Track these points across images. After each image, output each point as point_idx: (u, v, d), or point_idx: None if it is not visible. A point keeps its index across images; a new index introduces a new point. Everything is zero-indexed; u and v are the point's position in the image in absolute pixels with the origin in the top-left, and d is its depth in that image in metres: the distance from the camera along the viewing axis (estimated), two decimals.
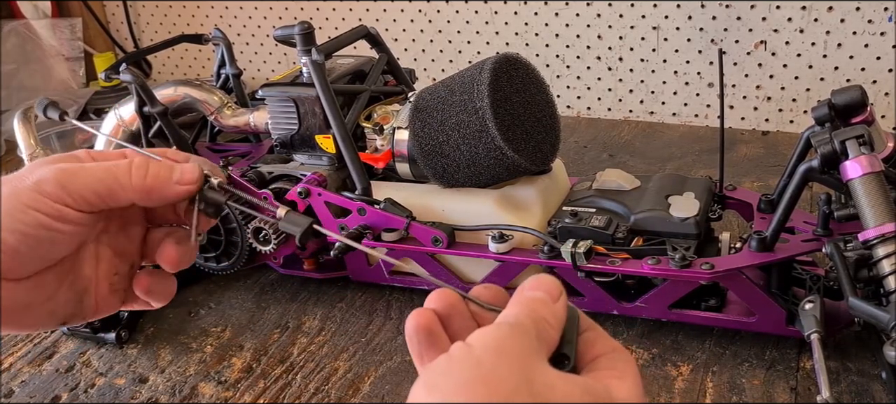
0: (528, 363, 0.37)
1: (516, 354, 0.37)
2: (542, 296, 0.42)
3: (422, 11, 1.80)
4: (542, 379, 0.37)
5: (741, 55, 1.56)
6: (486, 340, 0.38)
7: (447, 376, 0.37)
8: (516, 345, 0.38)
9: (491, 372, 0.36)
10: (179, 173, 0.50)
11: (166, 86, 1.19)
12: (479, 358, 0.37)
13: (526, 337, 0.39)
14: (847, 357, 0.87)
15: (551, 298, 0.42)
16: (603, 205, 0.99)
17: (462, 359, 0.37)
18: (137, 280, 0.53)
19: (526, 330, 0.39)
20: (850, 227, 0.86)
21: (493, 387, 0.35)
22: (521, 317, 0.41)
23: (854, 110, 0.85)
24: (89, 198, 0.48)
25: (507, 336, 0.38)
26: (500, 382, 0.36)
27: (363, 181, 1.01)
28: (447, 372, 0.37)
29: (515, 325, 0.39)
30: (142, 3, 2.14)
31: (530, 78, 1.00)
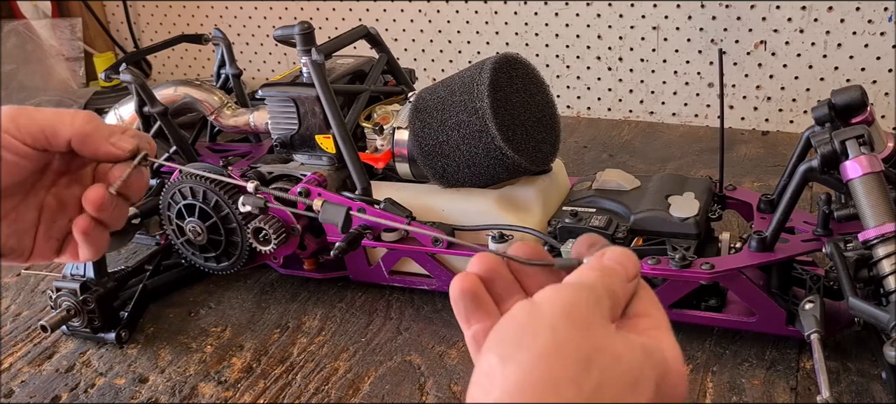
0: (599, 331, 0.37)
1: (587, 320, 0.37)
2: (621, 270, 0.42)
3: (422, 11, 1.80)
4: (612, 347, 0.37)
5: (741, 55, 1.56)
6: (557, 302, 0.37)
7: (520, 347, 0.36)
8: (587, 310, 0.38)
9: (565, 342, 0.36)
10: (117, 137, 0.55)
11: (166, 86, 1.19)
12: (553, 324, 0.36)
13: (597, 303, 0.38)
14: (847, 357, 0.87)
15: (628, 276, 0.42)
16: (603, 205, 0.99)
17: (534, 326, 0.36)
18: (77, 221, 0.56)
19: (598, 297, 0.39)
20: (850, 227, 0.86)
21: (569, 358, 0.35)
22: (595, 282, 0.40)
23: (854, 110, 0.85)
24: (35, 134, 0.54)
25: (577, 300, 0.38)
26: (574, 351, 0.35)
27: (363, 181, 1.01)
28: (519, 343, 0.36)
29: (587, 287, 0.39)
30: (142, 3, 2.14)
31: (530, 78, 1.00)
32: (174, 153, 1.15)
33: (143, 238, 1.23)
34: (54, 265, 1.24)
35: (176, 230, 1.08)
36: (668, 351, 0.40)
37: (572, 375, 0.35)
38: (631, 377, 0.36)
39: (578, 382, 0.35)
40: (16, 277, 1.22)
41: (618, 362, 0.36)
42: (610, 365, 0.36)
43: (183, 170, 1.06)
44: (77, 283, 0.99)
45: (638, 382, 0.37)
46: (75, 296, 0.99)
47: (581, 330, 0.36)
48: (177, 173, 1.06)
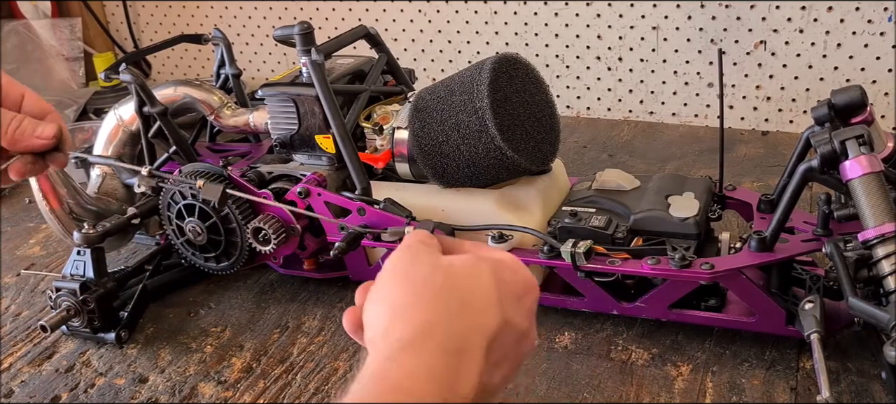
0: (429, 257, 0.50)
1: (418, 254, 0.50)
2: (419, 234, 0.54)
3: (422, 11, 1.80)
4: (444, 260, 0.50)
5: (741, 55, 1.56)
6: (391, 260, 0.51)
7: (379, 288, 0.49)
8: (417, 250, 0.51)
9: (408, 270, 0.49)
10: (40, 130, 0.66)
11: (166, 86, 1.19)
12: (394, 266, 0.50)
13: (422, 246, 0.51)
14: (847, 357, 0.87)
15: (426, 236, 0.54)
16: (603, 205, 0.99)
17: (383, 275, 0.50)
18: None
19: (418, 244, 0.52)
20: (850, 227, 0.86)
21: (415, 275, 0.48)
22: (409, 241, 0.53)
23: (854, 110, 0.85)
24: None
25: (406, 249, 0.51)
26: (418, 271, 0.48)
27: (363, 181, 1.01)
28: (377, 288, 0.49)
29: (409, 246, 0.52)
30: (142, 3, 2.14)
31: (530, 78, 1.00)
32: (174, 153, 1.15)
33: (143, 238, 1.23)
34: (54, 265, 1.24)
35: (176, 230, 1.08)
36: (496, 254, 0.52)
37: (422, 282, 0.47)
38: (465, 269, 0.49)
39: (429, 283, 0.47)
40: (16, 277, 1.22)
41: (451, 266, 0.49)
42: (446, 270, 0.48)
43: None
44: (77, 283, 0.99)
45: (474, 271, 0.49)
46: (75, 296, 0.99)
47: (417, 262, 0.49)
48: (177, 173, 1.06)
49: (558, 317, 0.99)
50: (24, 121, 0.65)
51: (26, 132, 0.65)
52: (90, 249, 1.01)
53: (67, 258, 1.04)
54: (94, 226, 1.04)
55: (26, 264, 1.25)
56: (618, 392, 0.86)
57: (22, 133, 0.65)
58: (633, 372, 0.89)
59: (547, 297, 0.99)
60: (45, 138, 0.66)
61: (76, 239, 1.02)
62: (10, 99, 0.67)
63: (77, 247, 1.02)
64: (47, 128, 0.66)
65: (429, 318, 0.45)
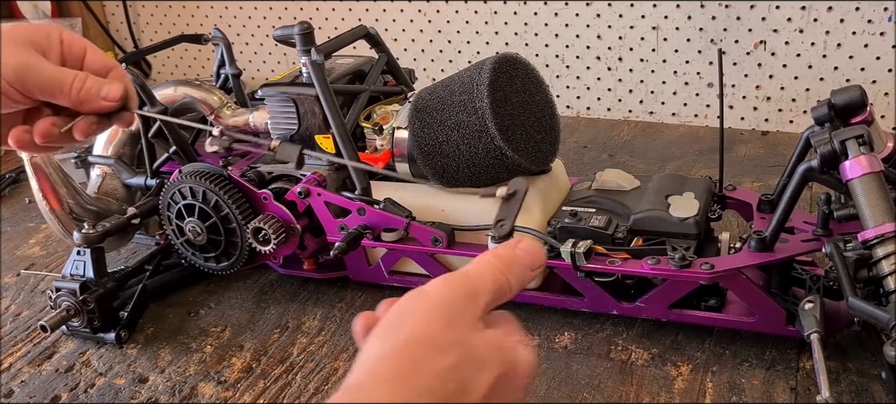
0: (464, 324, 0.44)
1: (458, 314, 0.44)
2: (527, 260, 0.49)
3: (422, 11, 1.80)
4: (472, 340, 0.43)
5: (741, 55, 1.56)
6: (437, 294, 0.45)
7: (396, 330, 0.43)
8: (461, 304, 0.44)
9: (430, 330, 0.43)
10: (106, 90, 0.63)
11: (166, 86, 1.19)
12: (427, 313, 0.44)
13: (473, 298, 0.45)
14: (847, 357, 0.87)
15: (531, 267, 0.49)
16: (603, 205, 0.99)
17: (411, 313, 0.44)
18: (15, 131, 0.64)
19: (483, 291, 0.46)
20: (850, 227, 0.86)
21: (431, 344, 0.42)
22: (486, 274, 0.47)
23: (854, 110, 0.85)
24: (34, 94, 0.61)
25: (455, 293, 0.45)
26: (437, 338, 0.42)
27: (363, 181, 1.01)
28: (397, 326, 0.43)
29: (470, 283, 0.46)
30: (142, 3, 2.14)
31: (530, 78, 1.00)
32: (174, 153, 1.15)
33: (143, 238, 1.23)
34: (54, 265, 1.24)
35: (176, 230, 1.08)
36: (522, 353, 0.46)
37: (431, 356, 0.42)
38: (478, 364, 0.43)
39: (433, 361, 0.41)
40: (16, 277, 1.22)
41: (473, 353, 0.43)
42: (465, 354, 0.43)
43: None
44: (77, 283, 0.99)
45: (484, 368, 0.43)
46: (75, 296, 0.99)
47: (449, 322, 0.43)
48: (176, 173, 1.06)
49: (558, 317, 0.99)
50: (88, 81, 0.63)
51: (92, 92, 0.63)
52: (90, 249, 1.01)
53: (67, 258, 1.04)
54: (94, 226, 1.04)
55: (26, 264, 1.25)
56: (618, 392, 0.86)
57: (88, 93, 0.63)
58: (632, 372, 0.89)
59: (547, 297, 0.99)
60: (112, 100, 0.64)
61: (76, 239, 1.02)
62: (73, 55, 0.64)
63: (77, 247, 1.02)
64: (113, 88, 0.64)
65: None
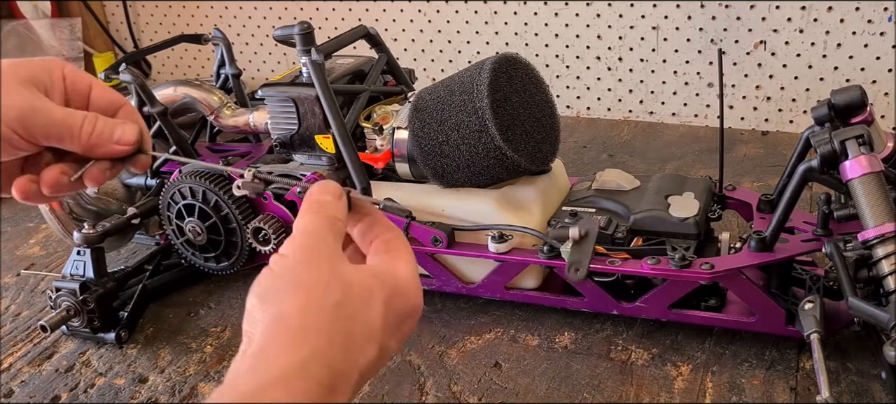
0: (332, 263, 0.48)
1: (322, 257, 0.48)
2: (329, 198, 0.52)
3: (422, 11, 1.80)
4: (345, 275, 0.47)
5: (741, 55, 1.56)
6: (296, 249, 0.48)
7: (275, 289, 0.46)
8: (320, 249, 0.48)
9: (306, 277, 0.46)
10: (119, 133, 0.58)
11: (166, 86, 1.19)
12: (294, 265, 0.47)
13: (325, 240, 0.49)
14: (847, 357, 0.87)
15: (335, 197, 0.52)
16: (603, 205, 0.99)
17: (282, 271, 0.47)
18: (19, 181, 0.59)
19: (324, 234, 0.49)
20: (850, 227, 0.86)
21: (311, 289, 0.45)
22: (316, 220, 0.50)
23: (854, 110, 0.85)
24: (39, 140, 0.55)
25: (312, 244, 0.48)
26: (315, 283, 0.46)
27: (363, 181, 1.01)
28: (273, 285, 0.46)
29: (315, 232, 0.49)
30: (142, 3, 2.14)
31: (530, 78, 1.00)
32: (174, 153, 1.15)
33: (143, 238, 1.23)
34: (54, 265, 1.24)
35: (176, 230, 1.08)
36: (399, 271, 0.51)
37: (315, 301, 0.45)
38: (362, 294, 0.47)
39: (320, 305, 0.45)
40: (16, 277, 1.22)
41: (350, 284, 0.47)
42: (343, 287, 0.46)
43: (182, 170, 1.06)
44: (77, 283, 0.99)
45: (369, 296, 0.47)
46: (75, 296, 0.99)
47: (319, 266, 0.47)
48: (176, 173, 1.06)
49: (558, 317, 0.99)
50: (98, 123, 0.57)
51: (104, 136, 0.57)
52: (90, 249, 1.01)
53: (67, 258, 1.04)
54: (94, 226, 1.04)
55: (26, 264, 1.25)
56: (618, 392, 0.86)
57: (100, 137, 0.56)
58: (633, 372, 0.89)
59: (547, 297, 0.99)
60: (127, 143, 0.58)
61: (76, 239, 1.02)
62: (78, 93, 0.58)
63: (77, 247, 1.02)
64: (127, 130, 0.58)
65: (310, 352, 0.43)
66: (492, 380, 0.90)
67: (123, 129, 0.58)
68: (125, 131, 0.58)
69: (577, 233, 0.57)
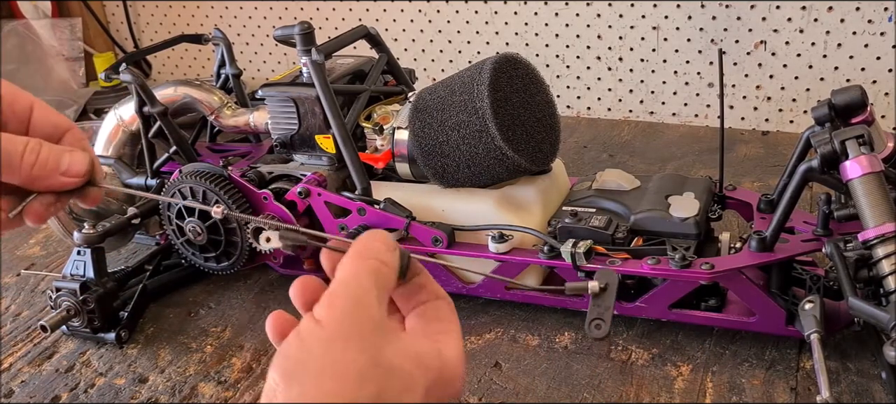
0: (373, 343, 0.40)
1: (363, 333, 0.40)
2: (380, 246, 0.44)
3: (422, 11, 1.80)
4: (385, 360, 0.40)
5: (741, 55, 1.56)
6: (334, 315, 0.40)
7: (304, 369, 0.39)
8: (362, 321, 0.40)
9: (340, 360, 0.39)
10: (67, 163, 0.50)
11: (166, 86, 1.19)
12: (330, 344, 0.39)
13: (369, 305, 0.41)
14: (847, 357, 0.87)
15: (388, 249, 0.45)
16: (603, 205, 0.99)
17: (315, 348, 0.39)
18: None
19: (367, 292, 0.42)
20: (850, 227, 0.86)
21: (346, 378, 0.39)
22: (361, 274, 0.42)
23: (854, 110, 0.85)
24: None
25: (352, 309, 0.41)
26: (351, 369, 0.39)
27: (363, 181, 1.01)
28: (302, 363, 0.39)
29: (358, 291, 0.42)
30: (142, 3, 2.14)
31: (530, 78, 1.00)
32: (174, 153, 1.15)
33: (143, 238, 1.23)
34: (54, 265, 1.24)
35: (176, 230, 1.08)
36: (447, 352, 0.44)
37: (350, 392, 0.38)
38: (403, 383, 0.40)
39: (355, 397, 0.38)
40: (16, 277, 1.22)
41: (390, 372, 0.40)
42: (382, 377, 0.39)
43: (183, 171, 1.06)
44: (77, 283, 0.99)
45: (410, 386, 0.41)
46: (75, 296, 0.99)
47: (355, 345, 0.39)
48: (177, 173, 1.06)
49: (558, 317, 0.99)
50: (43, 151, 0.48)
51: (49, 166, 0.48)
52: (90, 249, 1.01)
53: (67, 258, 1.04)
54: (94, 226, 1.04)
55: (26, 264, 1.25)
56: (618, 392, 0.86)
57: (43, 167, 0.48)
58: (633, 372, 0.89)
59: (547, 297, 0.99)
60: (75, 175, 0.50)
61: (76, 239, 1.02)
62: (16, 115, 0.50)
63: (77, 247, 1.02)
64: (76, 160, 0.50)
65: None
66: (492, 380, 0.90)
67: (72, 158, 0.50)
68: (74, 160, 0.50)
69: (596, 286, 0.53)
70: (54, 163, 0.49)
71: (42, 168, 0.48)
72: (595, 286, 0.53)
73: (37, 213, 0.50)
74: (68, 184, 0.50)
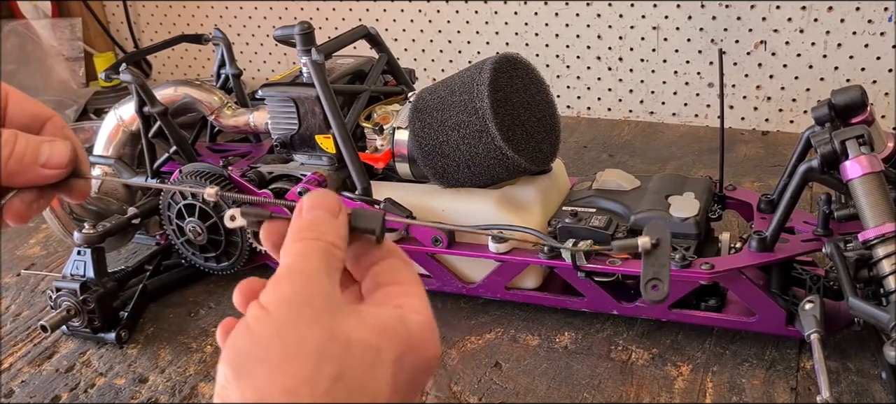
0: (328, 318, 0.37)
1: (315, 311, 0.37)
2: (323, 215, 0.41)
3: (422, 11, 1.80)
4: (342, 333, 0.37)
5: (741, 55, 1.56)
6: (280, 299, 0.37)
7: (254, 359, 0.36)
8: (312, 298, 0.37)
9: (292, 345, 0.36)
10: (46, 154, 0.46)
11: (166, 86, 1.19)
12: (279, 327, 0.36)
13: (319, 283, 0.38)
14: (847, 357, 0.87)
15: (332, 215, 0.41)
16: (603, 205, 0.99)
17: (263, 334, 0.36)
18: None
19: (317, 274, 0.38)
20: (850, 227, 0.86)
21: (300, 360, 0.35)
22: (308, 254, 0.39)
23: (854, 110, 0.85)
24: None
25: (300, 288, 0.38)
26: (304, 352, 0.35)
27: (363, 181, 1.01)
28: (251, 354, 0.36)
29: (306, 271, 0.38)
30: (142, 3, 2.14)
31: (530, 78, 1.00)
32: (174, 153, 1.15)
33: (143, 238, 1.23)
34: (54, 265, 1.24)
35: (176, 230, 1.08)
36: (412, 316, 0.40)
37: (306, 375, 0.35)
38: (367, 357, 0.37)
39: (313, 381, 0.35)
40: (16, 277, 1.22)
41: (349, 346, 0.36)
42: (342, 353, 0.36)
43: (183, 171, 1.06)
44: (77, 283, 0.99)
45: (376, 360, 0.37)
46: (75, 296, 0.99)
47: (307, 324, 0.36)
48: (177, 173, 1.06)
49: (558, 317, 0.99)
50: (19, 142, 0.45)
51: (27, 158, 0.45)
52: (90, 249, 1.01)
53: (67, 258, 1.04)
54: (94, 226, 1.04)
55: (26, 264, 1.25)
56: (618, 392, 0.86)
57: (20, 161, 0.45)
58: (633, 372, 0.89)
59: (547, 297, 0.99)
60: (56, 166, 0.46)
61: (76, 239, 1.02)
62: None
63: (77, 247, 1.02)
64: (57, 150, 0.46)
65: None
66: (492, 380, 0.90)
67: (52, 149, 0.46)
68: (54, 151, 0.46)
69: (647, 242, 0.46)
70: (32, 155, 0.45)
71: (19, 161, 0.45)
72: (646, 242, 0.46)
73: (18, 212, 0.47)
74: (49, 177, 0.46)
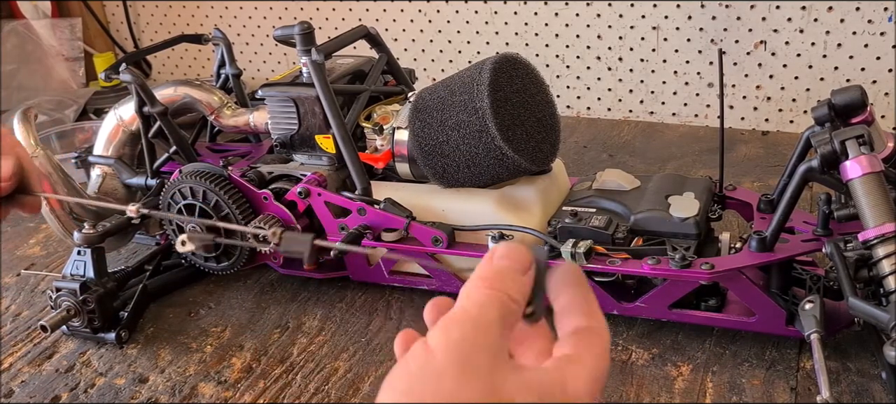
0: (490, 375, 0.36)
1: (480, 366, 0.36)
2: (512, 267, 0.40)
3: (422, 11, 1.80)
4: (506, 391, 0.36)
5: (741, 55, 1.56)
6: (449, 345, 0.36)
7: (407, 394, 0.35)
8: (480, 353, 0.36)
9: (454, 394, 0.35)
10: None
11: (166, 86, 1.19)
12: (441, 372, 0.35)
13: (489, 335, 0.37)
14: (847, 357, 0.87)
15: (521, 271, 0.40)
16: (603, 205, 0.99)
17: (425, 377, 0.35)
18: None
19: (490, 323, 0.37)
20: (850, 227, 0.86)
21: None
22: (487, 304, 0.38)
23: (854, 110, 0.85)
24: None
25: (470, 338, 0.36)
26: (462, 401, 0.35)
27: (363, 181, 1.01)
28: (410, 392, 0.35)
29: (480, 321, 0.37)
30: (142, 3, 2.14)
31: (530, 78, 1.00)
32: (174, 153, 1.15)
33: (143, 238, 1.23)
34: (54, 265, 1.24)
35: (176, 230, 1.08)
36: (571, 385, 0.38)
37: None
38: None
39: None
40: (16, 277, 1.22)
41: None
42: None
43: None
44: (77, 283, 0.99)
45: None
46: (75, 296, 0.99)
47: (473, 379, 0.35)
48: (177, 173, 1.06)
49: None
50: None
51: None
52: (90, 249, 1.01)
53: (67, 258, 1.04)
54: (94, 226, 1.04)
55: (26, 264, 1.25)
56: (618, 392, 0.86)
57: None
58: (633, 372, 0.89)
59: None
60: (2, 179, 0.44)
61: (76, 239, 1.02)
62: None
63: (77, 247, 1.02)
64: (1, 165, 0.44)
65: None
66: None
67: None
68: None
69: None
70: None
71: None
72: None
73: None
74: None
